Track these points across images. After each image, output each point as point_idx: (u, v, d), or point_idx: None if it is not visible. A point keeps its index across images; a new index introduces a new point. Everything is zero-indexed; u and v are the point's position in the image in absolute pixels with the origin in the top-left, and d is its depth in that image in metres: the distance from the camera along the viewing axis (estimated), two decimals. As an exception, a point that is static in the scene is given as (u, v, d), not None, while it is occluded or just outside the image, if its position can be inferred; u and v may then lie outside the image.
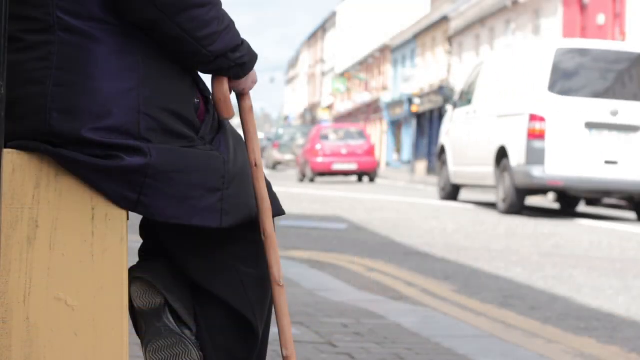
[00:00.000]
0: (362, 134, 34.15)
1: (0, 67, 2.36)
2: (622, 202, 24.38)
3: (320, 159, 31.62)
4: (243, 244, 2.70)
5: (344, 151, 31.78)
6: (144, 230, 2.73)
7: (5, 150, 2.43)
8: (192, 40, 2.51)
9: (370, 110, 71.32)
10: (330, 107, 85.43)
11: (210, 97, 2.67)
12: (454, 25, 51.73)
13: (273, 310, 2.75)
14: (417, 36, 59.37)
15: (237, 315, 2.69)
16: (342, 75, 77.39)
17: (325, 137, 32.96)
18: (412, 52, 61.24)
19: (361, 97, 73.56)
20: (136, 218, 2.66)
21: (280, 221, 11.01)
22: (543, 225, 14.77)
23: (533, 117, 15.59)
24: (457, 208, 18.13)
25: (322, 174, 31.88)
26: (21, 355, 2.43)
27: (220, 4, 2.56)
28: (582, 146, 15.62)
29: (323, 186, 24.54)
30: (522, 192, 16.06)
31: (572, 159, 15.59)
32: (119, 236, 2.50)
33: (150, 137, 2.48)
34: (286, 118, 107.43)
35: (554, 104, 15.56)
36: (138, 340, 2.75)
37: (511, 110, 16.46)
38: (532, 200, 24.98)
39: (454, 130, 19.58)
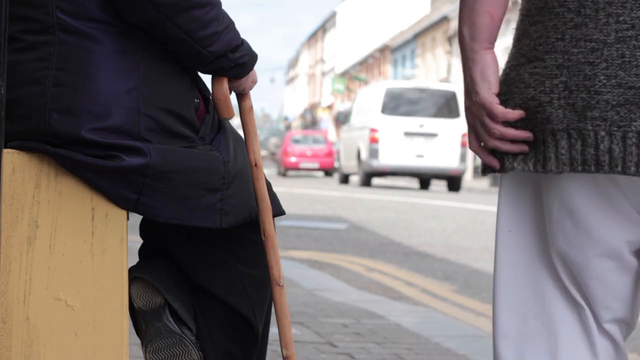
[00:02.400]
0: (324, 140, 43.87)
1: (0, 67, 2.36)
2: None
3: (291, 159, 41.22)
4: (243, 244, 2.70)
5: (309, 153, 41.37)
6: (144, 230, 2.73)
7: (5, 150, 2.43)
8: (192, 40, 2.51)
9: (370, 110, 71.27)
10: (330, 107, 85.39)
11: (210, 97, 2.67)
12: (454, 25, 51.70)
13: (273, 310, 2.75)
14: (417, 36, 59.37)
15: (237, 315, 2.69)
16: (342, 75, 77.39)
17: (296, 142, 42.80)
18: (412, 52, 61.24)
19: (361, 97, 73.48)
20: (136, 218, 2.66)
21: (280, 221, 11.01)
22: (543, 225, 14.75)
23: (372, 130, 26.06)
24: (457, 208, 18.13)
25: (293, 169, 41.62)
26: (21, 355, 2.43)
27: (220, 4, 2.56)
28: (402, 146, 25.96)
29: (323, 186, 24.88)
30: (368, 174, 26.98)
31: (396, 154, 25.89)
32: (119, 236, 2.50)
33: (150, 138, 2.48)
34: (286, 118, 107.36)
35: (384, 121, 26.06)
36: (138, 340, 2.75)
37: (362, 125, 27.20)
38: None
39: (342, 139, 31.80)
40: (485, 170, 2.02)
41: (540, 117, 1.92)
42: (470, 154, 28.55)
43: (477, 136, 2.02)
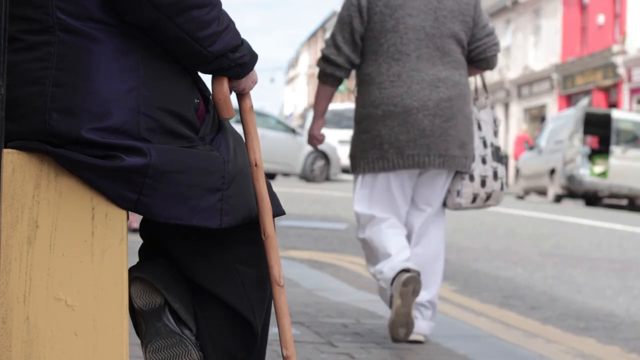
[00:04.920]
0: None
1: (0, 67, 2.36)
2: (622, 202, 24.45)
3: None
4: (243, 244, 2.70)
5: None
6: (144, 230, 2.73)
7: (5, 150, 2.43)
8: (192, 40, 2.51)
9: (370, 110, 71.27)
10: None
11: (210, 97, 2.67)
12: (454, 25, 51.67)
13: (273, 310, 2.75)
14: (417, 36, 59.31)
15: (236, 315, 2.69)
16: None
17: None
18: (412, 52, 61.17)
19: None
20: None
21: (280, 221, 11.00)
22: (543, 225, 14.78)
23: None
24: (457, 208, 18.11)
25: None
26: (21, 355, 2.43)
27: (220, 4, 2.56)
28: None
29: (324, 186, 24.70)
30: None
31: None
32: (119, 236, 2.50)
33: (150, 138, 2.48)
34: (286, 118, 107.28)
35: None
36: (138, 340, 2.75)
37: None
38: (533, 199, 25.01)
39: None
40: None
41: None
42: None
43: None
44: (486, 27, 4.86)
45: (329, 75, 4.93)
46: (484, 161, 4.90)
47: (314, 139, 5.06)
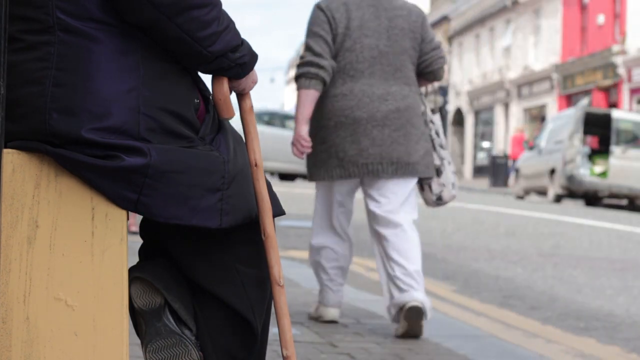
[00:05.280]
0: None
1: (0, 67, 2.36)
2: (622, 202, 24.48)
3: None
4: (243, 244, 2.70)
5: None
6: (144, 230, 2.73)
7: (5, 150, 2.43)
8: (192, 40, 2.51)
9: (370, 110, 71.29)
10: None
11: (210, 97, 2.67)
12: (454, 25, 51.73)
13: (273, 310, 2.75)
14: (417, 36, 59.25)
15: (236, 315, 2.68)
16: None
17: None
18: (412, 52, 61.15)
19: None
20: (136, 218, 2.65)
21: (280, 221, 11.00)
22: (543, 225, 14.78)
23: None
24: (457, 208, 18.13)
25: None
26: (21, 355, 2.43)
27: (220, 4, 2.56)
28: None
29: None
30: None
31: None
32: (119, 236, 2.50)
33: (150, 138, 2.48)
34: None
35: None
36: (138, 340, 2.75)
37: None
38: (533, 199, 25.01)
39: None
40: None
41: None
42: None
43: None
44: (432, 42, 5.29)
45: (313, 77, 5.12)
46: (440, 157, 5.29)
47: (300, 143, 5.17)
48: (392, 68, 5.15)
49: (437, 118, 5.37)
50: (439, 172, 5.26)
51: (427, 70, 5.27)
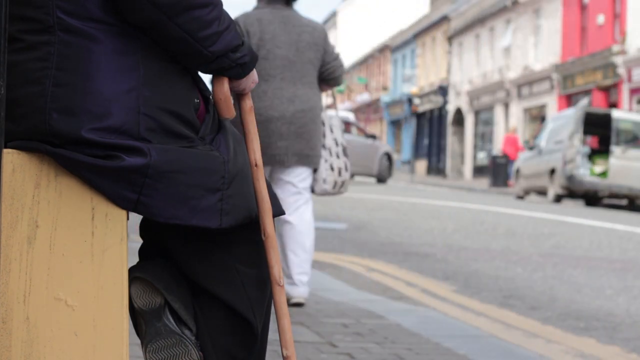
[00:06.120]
0: None
1: (0, 67, 2.36)
2: (622, 202, 24.47)
3: None
4: (243, 244, 2.70)
5: None
6: (144, 230, 2.73)
7: (5, 150, 2.43)
8: (193, 40, 2.51)
9: (370, 110, 71.33)
10: (330, 107, 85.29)
11: (211, 97, 2.67)
12: (454, 25, 51.74)
13: (273, 310, 2.75)
14: (417, 36, 59.37)
15: (236, 315, 2.68)
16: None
17: None
18: (412, 52, 61.25)
19: (361, 97, 73.56)
20: (136, 218, 2.66)
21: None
22: (543, 225, 14.79)
23: None
24: (457, 208, 18.14)
25: None
26: (21, 355, 2.43)
27: (220, 4, 2.56)
28: None
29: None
30: None
31: None
32: (119, 236, 2.50)
33: (150, 138, 2.48)
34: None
35: None
36: (138, 340, 2.75)
37: None
38: (533, 199, 25.00)
39: None
40: None
41: None
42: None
43: None
44: (333, 53, 6.15)
45: None
46: (338, 156, 6.13)
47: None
48: (299, 74, 5.99)
49: (336, 120, 6.28)
50: (316, 168, 6.12)
51: (330, 77, 6.12)
